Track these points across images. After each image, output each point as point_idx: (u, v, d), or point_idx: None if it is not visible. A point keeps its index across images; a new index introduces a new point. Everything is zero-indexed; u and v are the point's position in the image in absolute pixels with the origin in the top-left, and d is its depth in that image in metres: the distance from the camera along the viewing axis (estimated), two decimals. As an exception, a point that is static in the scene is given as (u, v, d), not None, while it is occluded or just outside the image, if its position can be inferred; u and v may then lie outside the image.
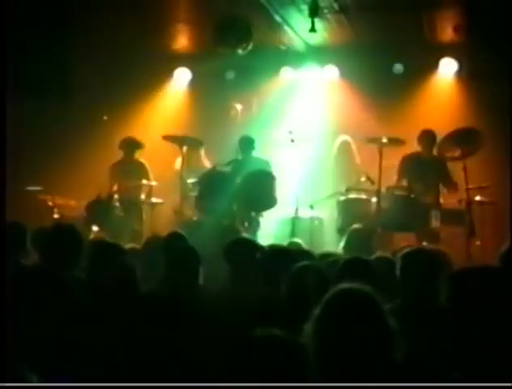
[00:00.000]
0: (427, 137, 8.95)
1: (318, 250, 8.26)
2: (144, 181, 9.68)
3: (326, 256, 5.37)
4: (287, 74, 10.82)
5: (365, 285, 2.70)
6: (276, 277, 4.36)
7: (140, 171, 9.75)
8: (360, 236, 7.05)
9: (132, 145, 9.85)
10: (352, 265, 4.42)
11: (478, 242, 8.32)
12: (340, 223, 8.74)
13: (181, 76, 11.28)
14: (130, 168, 9.78)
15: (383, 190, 8.52)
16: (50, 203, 9.66)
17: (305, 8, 8.69)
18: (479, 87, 10.13)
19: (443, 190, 8.97)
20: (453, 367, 2.94)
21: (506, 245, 5.14)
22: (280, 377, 2.30)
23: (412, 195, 8.47)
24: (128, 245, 6.52)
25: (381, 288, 2.95)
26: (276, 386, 2.25)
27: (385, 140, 8.60)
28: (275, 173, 8.91)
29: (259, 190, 8.65)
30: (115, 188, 9.67)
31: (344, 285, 2.67)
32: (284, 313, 3.99)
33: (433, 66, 10.57)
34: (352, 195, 8.89)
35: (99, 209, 9.01)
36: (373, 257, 5.12)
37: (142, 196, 9.66)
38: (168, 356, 3.34)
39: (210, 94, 10.78)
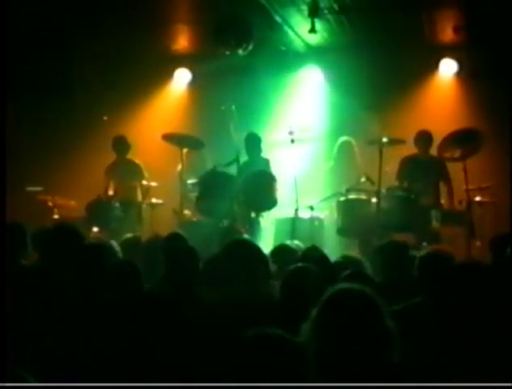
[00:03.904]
0: (423, 138, 8.96)
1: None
2: (144, 182, 9.69)
3: None
4: (287, 74, 10.82)
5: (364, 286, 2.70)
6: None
7: (136, 171, 9.74)
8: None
9: (121, 146, 9.84)
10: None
11: (478, 243, 8.31)
12: (340, 223, 8.73)
13: (181, 77, 11.27)
14: (125, 169, 9.78)
15: (383, 190, 8.52)
16: (50, 204, 9.67)
17: (305, 8, 8.69)
18: (479, 87, 10.13)
19: (443, 189, 8.98)
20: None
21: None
22: (280, 376, 2.29)
23: (412, 196, 8.47)
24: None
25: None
26: (276, 386, 2.25)
27: (385, 140, 8.60)
28: (275, 174, 8.91)
29: (259, 191, 8.65)
30: (112, 190, 9.66)
31: (343, 285, 2.66)
32: (283, 313, 3.99)
33: (433, 66, 10.56)
34: (352, 196, 8.87)
35: (99, 209, 9.01)
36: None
37: (141, 197, 9.64)
38: (168, 355, 3.34)
39: (210, 95, 10.77)
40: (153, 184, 9.74)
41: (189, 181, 9.22)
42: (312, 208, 8.92)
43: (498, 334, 3.36)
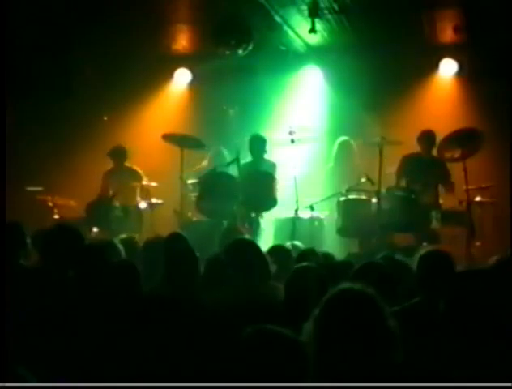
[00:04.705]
0: (426, 137, 8.95)
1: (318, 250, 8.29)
2: (144, 182, 9.68)
3: None
4: (287, 74, 10.82)
5: (367, 286, 2.70)
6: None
7: (135, 176, 9.73)
8: None
9: (120, 154, 9.85)
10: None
11: (478, 243, 8.31)
12: (340, 223, 8.72)
13: (181, 77, 11.28)
14: (125, 174, 9.76)
15: (383, 190, 8.51)
16: (50, 204, 9.66)
17: (305, 9, 8.68)
18: (479, 87, 10.13)
19: (442, 190, 8.98)
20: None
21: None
22: (278, 370, 2.29)
23: (413, 196, 8.46)
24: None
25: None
26: (276, 387, 2.25)
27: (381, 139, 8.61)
28: (277, 175, 8.93)
29: (259, 191, 8.65)
30: (111, 192, 9.66)
31: (345, 285, 2.66)
32: (284, 313, 3.99)
33: (433, 66, 10.57)
34: (352, 196, 8.87)
35: (99, 210, 9.00)
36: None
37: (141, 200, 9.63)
38: (168, 355, 3.34)
39: (210, 95, 10.78)
40: (153, 184, 9.74)
41: (189, 181, 9.21)
42: (312, 208, 8.92)
43: (499, 334, 3.36)
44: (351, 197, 8.85)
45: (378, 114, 10.10)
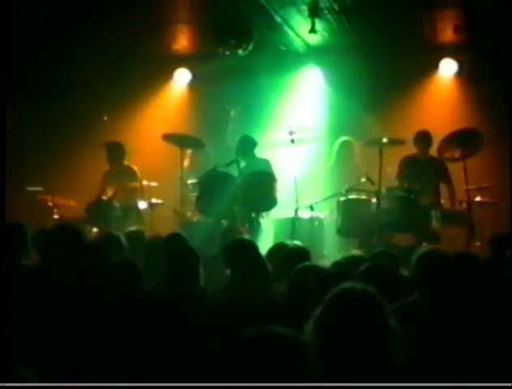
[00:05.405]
0: (422, 138, 8.96)
1: (318, 250, 8.31)
2: (144, 182, 9.68)
3: None
4: (287, 74, 10.82)
5: (368, 285, 2.70)
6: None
7: (133, 178, 9.70)
8: None
9: (117, 151, 9.80)
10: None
11: (478, 243, 8.31)
12: (340, 223, 8.73)
13: (181, 77, 11.28)
14: (123, 175, 9.73)
15: (383, 190, 8.51)
16: (50, 204, 9.66)
17: (305, 9, 8.69)
18: (479, 87, 10.14)
19: (443, 190, 8.99)
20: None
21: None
22: (281, 372, 2.30)
23: (412, 196, 8.47)
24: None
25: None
26: (277, 386, 2.25)
27: (385, 140, 8.59)
28: (275, 174, 8.91)
29: (259, 191, 8.64)
30: (110, 192, 9.64)
31: (347, 285, 2.67)
32: (284, 312, 3.99)
33: (433, 66, 10.57)
34: (352, 196, 8.87)
35: (99, 210, 9.00)
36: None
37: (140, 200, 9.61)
38: (168, 355, 3.35)
39: (210, 95, 10.78)
40: (153, 184, 9.74)
41: (189, 181, 9.21)
42: (312, 208, 8.91)
43: (496, 332, 3.37)
44: (351, 197, 8.85)
45: (378, 114, 10.10)
